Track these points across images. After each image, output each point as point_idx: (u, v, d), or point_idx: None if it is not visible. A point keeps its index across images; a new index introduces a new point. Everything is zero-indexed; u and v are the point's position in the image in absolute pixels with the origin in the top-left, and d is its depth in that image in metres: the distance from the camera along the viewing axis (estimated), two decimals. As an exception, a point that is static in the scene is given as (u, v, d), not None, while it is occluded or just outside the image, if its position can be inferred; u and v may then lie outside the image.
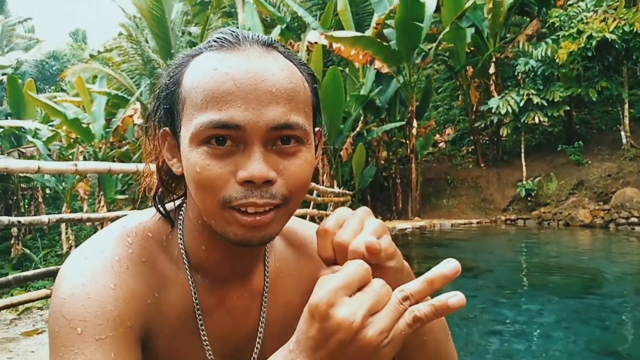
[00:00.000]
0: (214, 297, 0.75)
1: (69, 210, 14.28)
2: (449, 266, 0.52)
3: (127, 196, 15.29)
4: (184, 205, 0.76)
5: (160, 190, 0.75)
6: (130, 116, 15.40)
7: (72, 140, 15.38)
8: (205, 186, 0.62)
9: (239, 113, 0.60)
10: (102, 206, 13.09)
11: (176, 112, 0.66)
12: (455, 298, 0.51)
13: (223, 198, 0.61)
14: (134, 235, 0.70)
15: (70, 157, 15.03)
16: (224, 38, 0.65)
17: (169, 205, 0.77)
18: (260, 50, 0.64)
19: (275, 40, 0.68)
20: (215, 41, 0.65)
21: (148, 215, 0.75)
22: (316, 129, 0.72)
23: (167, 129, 0.69)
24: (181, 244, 0.73)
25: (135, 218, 0.74)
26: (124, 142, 16.99)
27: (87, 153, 14.61)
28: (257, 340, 0.79)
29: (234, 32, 0.66)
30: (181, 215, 0.75)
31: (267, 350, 0.78)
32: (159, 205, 0.74)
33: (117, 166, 4.54)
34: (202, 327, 0.74)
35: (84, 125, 14.27)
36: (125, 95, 16.04)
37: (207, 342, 0.74)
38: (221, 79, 0.61)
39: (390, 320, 0.50)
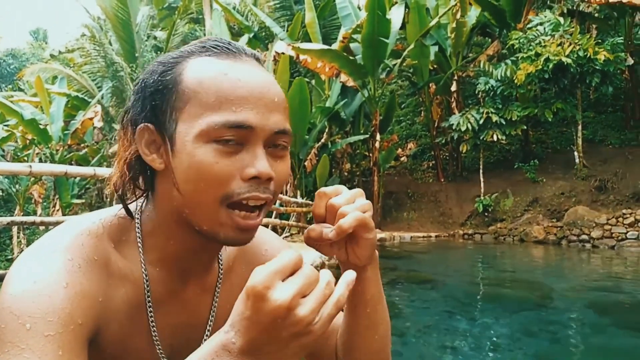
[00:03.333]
0: (167, 290, 0.77)
1: (22, 214, 13.78)
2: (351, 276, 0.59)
3: (83, 200, 14.89)
4: (144, 202, 0.77)
5: (124, 184, 0.75)
6: (91, 119, 15.04)
7: (28, 141, 14.93)
8: (210, 181, 0.66)
9: (251, 116, 0.66)
10: (57, 210, 12.71)
11: (170, 109, 0.69)
12: (351, 274, 0.58)
13: (225, 193, 0.66)
14: (87, 234, 0.71)
15: (26, 158, 14.56)
16: (224, 46, 0.71)
17: (131, 205, 0.78)
18: (255, 62, 0.72)
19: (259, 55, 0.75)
20: (213, 47, 0.71)
21: (104, 214, 0.76)
22: None
23: (148, 125, 0.70)
24: (139, 240, 0.75)
25: (88, 217, 0.75)
26: (82, 145, 16.56)
27: (43, 155, 14.18)
28: (206, 332, 0.82)
29: (229, 42, 0.72)
30: (139, 212, 0.77)
31: None
32: (122, 200, 0.75)
33: (74, 169, 4.42)
34: (152, 319, 0.75)
35: (41, 127, 13.87)
36: (85, 98, 15.68)
37: (156, 335, 0.76)
38: (235, 84, 0.67)
39: (319, 301, 0.53)
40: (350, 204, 0.70)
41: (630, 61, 14.34)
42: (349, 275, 0.57)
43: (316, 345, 0.77)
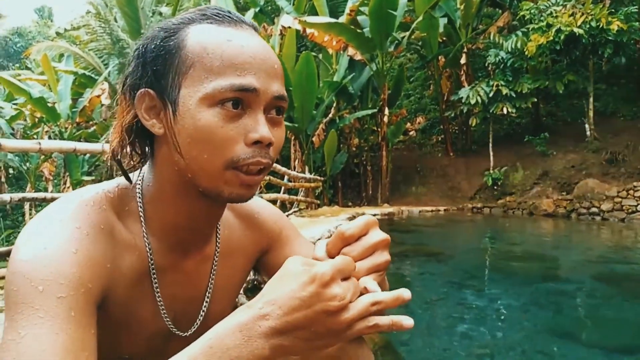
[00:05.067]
0: (169, 260, 0.79)
1: (33, 191, 13.93)
2: (406, 295, 0.61)
3: (93, 177, 15.00)
4: (146, 171, 0.79)
5: (122, 150, 0.76)
6: (98, 96, 15.04)
7: (36, 119, 14.99)
8: (216, 146, 0.68)
9: (255, 80, 0.69)
10: (68, 187, 12.83)
11: (172, 74, 0.70)
12: (408, 321, 0.61)
13: (231, 159, 0.69)
14: (92, 204, 0.72)
15: (35, 136, 14.65)
16: (225, 15, 0.73)
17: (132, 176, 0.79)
18: (254, 32, 0.74)
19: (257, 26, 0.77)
20: (215, 15, 0.72)
21: (106, 185, 0.78)
22: None
23: (149, 90, 0.71)
24: (141, 209, 0.77)
25: (93, 188, 0.76)
26: (91, 122, 16.62)
27: (52, 133, 14.25)
28: (205, 300, 0.85)
29: (228, 10, 0.74)
30: (140, 181, 0.78)
31: (213, 308, 0.86)
32: (120, 165, 0.77)
33: (82, 146, 4.44)
34: (157, 287, 0.78)
35: (50, 105, 13.91)
36: (92, 75, 15.65)
37: (160, 300, 0.79)
38: (239, 50, 0.69)
39: (361, 312, 0.57)
40: (366, 262, 0.64)
41: (644, 31, 14.02)
42: (402, 296, 0.61)
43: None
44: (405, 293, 0.61)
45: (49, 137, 14.12)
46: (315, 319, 0.56)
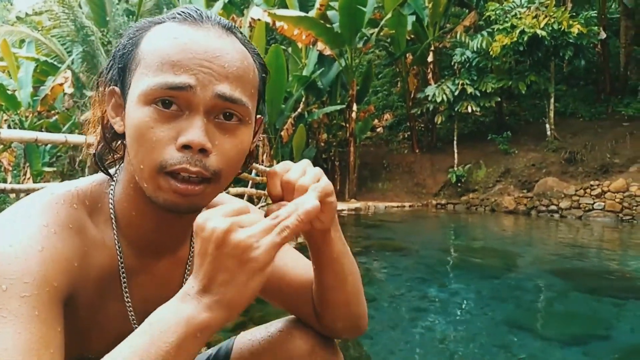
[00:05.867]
0: (140, 261, 0.78)
1: (-9, 182, 13.46)
2: (312, 203, 0.61)
3: (55, 169, 14.60)
4: (118, 171, 0.78)
5: (100, 147, 0.77)
6: (61, 84, 14.61)
7: (-5, 107, 14.45)
8: (147, 147, 0.65)
9: (191, 79, 0.64)
10: (28, 178, 12.44)
11: (128, 72, 0.70)
12: (310, 202, 0.61)
13: (160, 163, 0.65)
14: (61, 202, 0.71)
15: (-7, 125, 14.13)
16: (189, 13, 0.70)
17: (101, 175, 0.79)
18: (220, 31, 0.69)
19: (235, 26, 0.74)
20: (179, 14, 0.70)
21: (79, 183, 0.77)
22: (258, 116, 0.77)
23: (115, 87, 0.72)
24: (111, 209, 0.75)
25: (64, 185, 0.75)
26: (52, 112, 16.14)
27: (12, 122, 13.79)
28: None
29: (198, 10, 0.71)
30: (114, 181, 0.77)
31: None
32: (99, 163, 0.77)
33: (45, 136, 4.32)
34: (126, 287, 0.77)
35: (9, 92, 13.44)
36: (55, 63, 15.18)
37: (129, 301, 0.77)
38: (180, 47, 0.65)
39: (260, 229, 0.57)
40: (305, 177, 0.67)
41: (603, 35, 14.53)
42: (304, 207, 0.60)
43: (270, 282, 0.79)
44: (307, 203, 0.60)
45: (9, 126, 13.67)
46: (218, 258, 0.56)
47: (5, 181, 13.48)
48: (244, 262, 0.56)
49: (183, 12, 0.70)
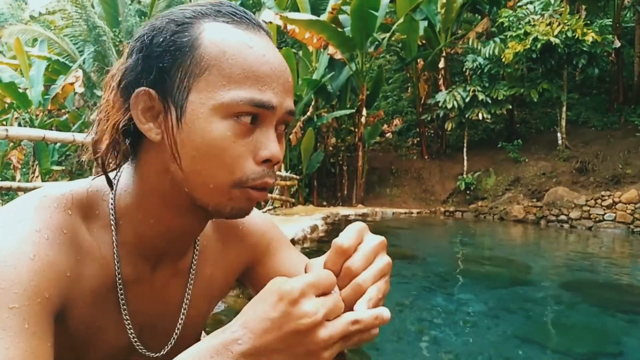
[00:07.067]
0: (137, 272, 0.73)
1: (0, 179, 13.56)
2: (386, 314, 0.56)
3: (63, 167, 14.69)
4: (124, 175, 0.72)
5: (109, 151, 0.69)
6: (72, 84, 14.68)
7: (6, 105, 14.57)
8: (225, 163, 0.62)
9: (274, 96, 0.64)
10: (37, 176, 12.49)
11: (181, 75, 0.63)
12: (387, 314, 0.56)
13: (240, 178, 0.63)
14: (55, 206, 0.66)
15: (4, 123, 14.24)
16: (242, 16, 0.66)
17: (98, 180, 0.73)
18: (269, 38, 0.68)
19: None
20: (232, 14, 0.66)
21: (75, 186, 0.71)
22: None
23: (150, 90, 0.64)
24: (112, 216, 0.70)
25: (59, 187, 0.70)
26: (63, 110, 16.24)
27: (22, 120, 13.88)
28: (181, 316, 0.79)
29: (244, 11, 0.67)
30: (115, 185, 0.71)
31: (189, 325, 0.80)
32: (104, 168, 0.70)
33: (52, 134, 4.33)
34: (123, 300, 0.72)
35: (21, 90, 13.52)
36: (66, 62, 15.29)
37: (126, 314, 0.73)
38: (261, 60, 0.63)
39: (341, 331, 0.52)
40: (369, 271, 0.59)
41: (617, 44, 14.36)
42: (382, 315, 0.55)
43: None
44: (385, 312, 0.56)
45: (19, 124, 13.75)
46: (288, 339, 0.51)
47: (14, 179, 13.56)
48: (311, 356, 0.52)
49: (236, 13, 0.66)
